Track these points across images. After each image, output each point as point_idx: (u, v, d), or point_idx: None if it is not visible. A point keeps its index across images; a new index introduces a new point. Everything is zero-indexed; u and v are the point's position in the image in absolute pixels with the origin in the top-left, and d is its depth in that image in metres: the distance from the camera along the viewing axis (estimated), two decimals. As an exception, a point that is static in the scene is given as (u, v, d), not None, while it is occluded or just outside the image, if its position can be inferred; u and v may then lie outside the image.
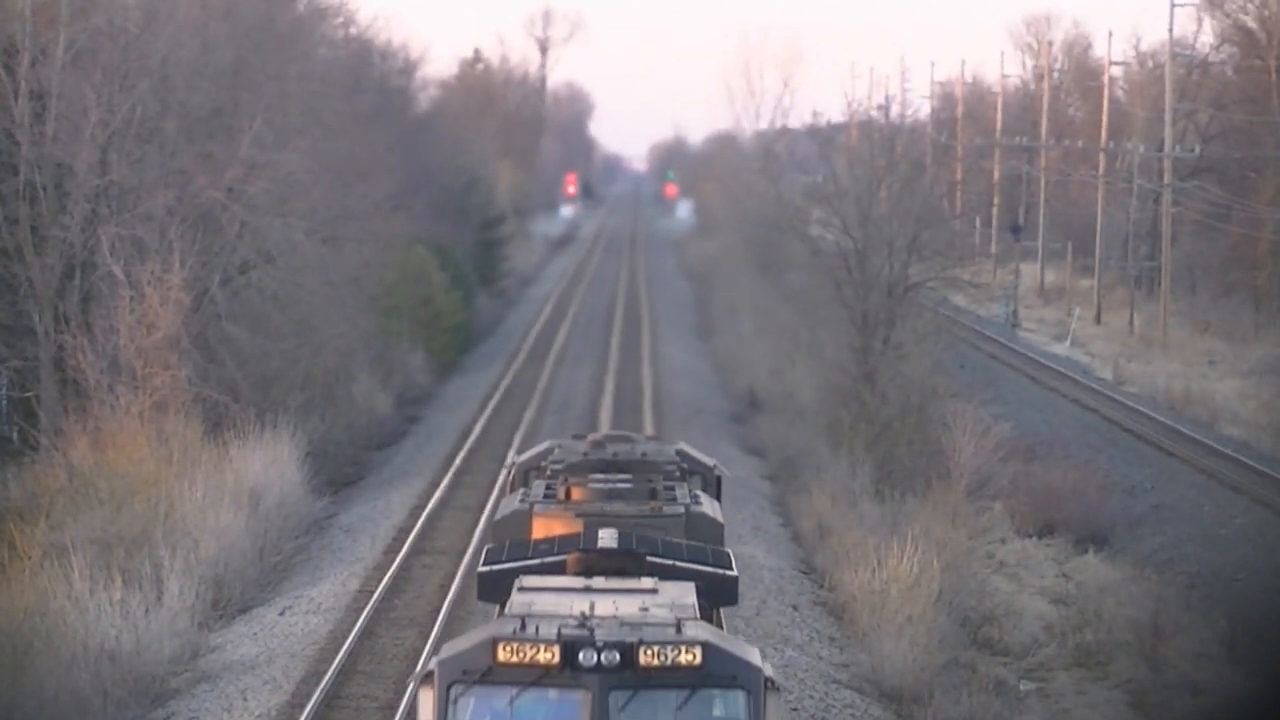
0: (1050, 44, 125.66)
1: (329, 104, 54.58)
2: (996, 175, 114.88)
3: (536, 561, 18.53)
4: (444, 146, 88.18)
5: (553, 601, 16.39)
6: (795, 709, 28.25)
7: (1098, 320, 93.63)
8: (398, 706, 26.91)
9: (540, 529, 20.93)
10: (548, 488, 22.70)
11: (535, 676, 15.35)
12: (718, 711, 15.58)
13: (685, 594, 17.04)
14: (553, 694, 15.44)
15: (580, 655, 15.35)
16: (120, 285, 40.91)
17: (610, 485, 22.46)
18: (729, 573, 18.77)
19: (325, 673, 28.51)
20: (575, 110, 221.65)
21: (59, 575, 30.73)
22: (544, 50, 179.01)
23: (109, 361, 40.55)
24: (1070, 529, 46.13)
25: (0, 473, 40.01)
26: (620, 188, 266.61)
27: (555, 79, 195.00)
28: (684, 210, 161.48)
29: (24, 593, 30.06)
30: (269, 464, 39.57)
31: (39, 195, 42.63)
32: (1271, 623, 36.68)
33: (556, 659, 15.35)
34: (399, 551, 37.20)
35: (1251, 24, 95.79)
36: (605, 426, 47.65)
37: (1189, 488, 51.29)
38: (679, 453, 25.33)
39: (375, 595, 33.41)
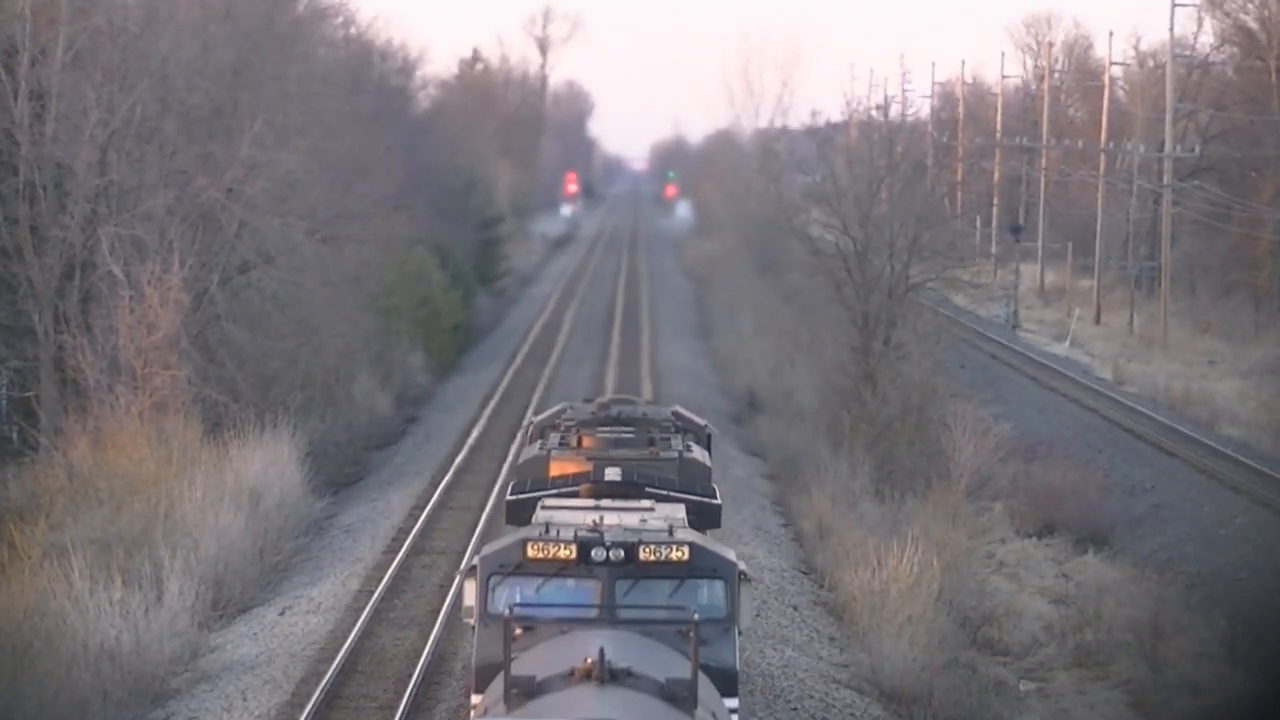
0: (1051, 44, 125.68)
1: (329, 104, 54.57)
2: (997, 175, 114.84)
3: (554, 491, 22.59)
4: (444, 146, 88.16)
5: (569, 516, 20.35)
6: (795, 709, 28.26)
7: (1098, 320, 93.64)
8: (398, 706, 26.95)
9: (556, 469, 24.84)
10: (562, 438, 26.56)
11: (556, 569, 19.27)
12: (702, 597, 19.47)
13: (676, 511, 21.23)
14: (570, 582, 19.33)
15: (592, 552, 19.28)
16: (120, 285, 40.90)
17: (615, 435, 26.15)
18: (713, 501, 23.25)
19: (325, 673, 28.50)
20: (575, 110, 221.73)
21: (59, 575, 30.73)
22: (544, 50, 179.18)
23: (109, 361, 40.54)
24: (1070, 529, 46.14)
25: (0, 473, 40.00)
26: (620, 187, 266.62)
27: (555, 79, 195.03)
28: (683, 210, 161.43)
29: (24, 593, 30.05)
30: (269, 464, 39.56)
31: (39, 195, 42.62)
32: (1271, 623, 36.68)
33: (574, 555, 19.27)
34: (399, 551, 37.19)
35: (1252, 24, 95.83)
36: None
37: (1189, 488, 51.30)
38: (674, 413, 28.87)
39: (375, 595, 33.41)
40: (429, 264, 67.66)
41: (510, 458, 43.76)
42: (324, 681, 28.01)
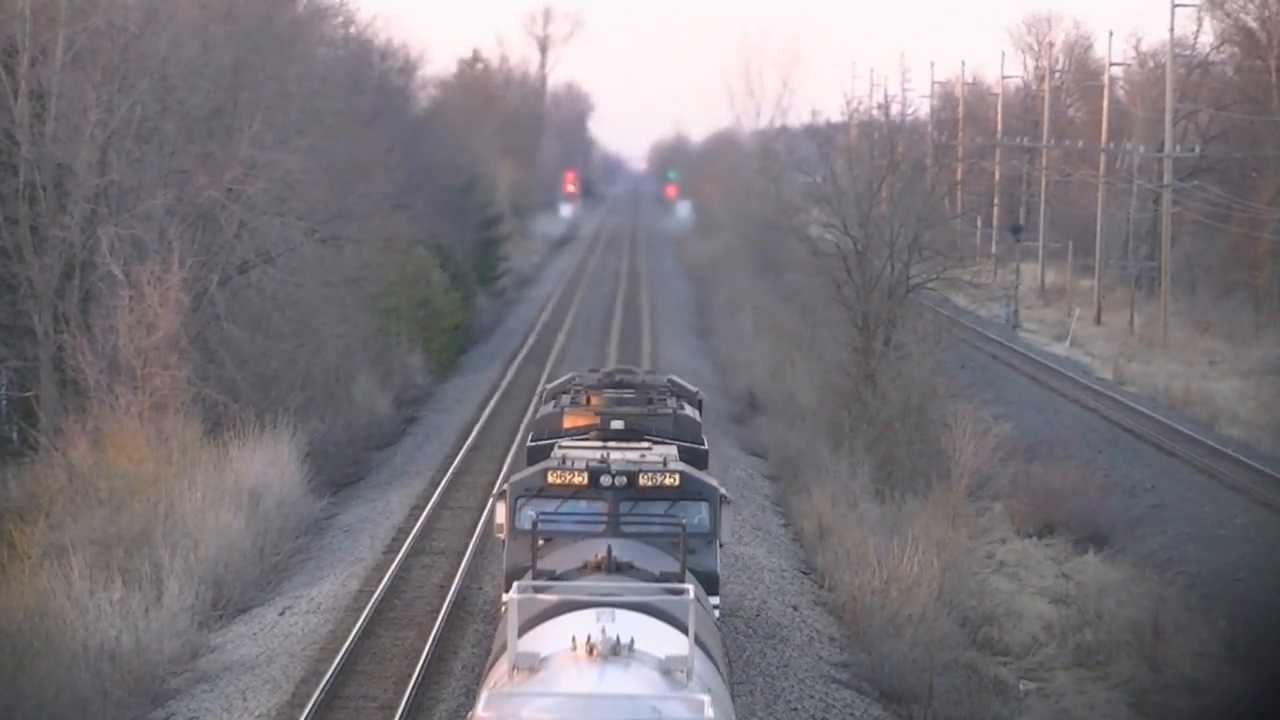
0: (1051, 44, 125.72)
1: (328, 104, 54.54)
2: (997, 175, 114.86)
3: (568, 437, 27.84)
4: (444, 146, 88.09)
5: (582, 452, 25.20)
6: (795, 709, 28.26)
7: (1098, 320, 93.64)
8: (398, 706, 26.96)
9: (569, 422, 28.93)
10: (573, 398, 30.51)
11: (571, 492, 24.10)
12: (690, 515, 23.89)
13: (669, 450, 25.95)
14: (583, 503, 24.01)
15: (601, 479, 24.14)
16: (120, 285, 40.89)
17: (619, 396, 30.08)
18: (701, 447, 28.60)
19: (325, 673, 28.50)
20: (575, 110, 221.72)
21: (59, 575, 30.74)
22: (544, 50, 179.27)
23: (108, 361, 40.53)
24: (1070, 529, 46.14)
25: (0, 473, 39.99)
26: (620, 187, 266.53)
27: (555, 79, 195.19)
28: (683, 210, 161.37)
29: (24, 593, 30.06)
30: (269, 464, 39.55)
31: (39, 195, 42.61)
32: (1271, 623, 36.69)
33: (586, 481, 24.10)
34: (398, 552, 37.18)
35: (1252, 24, 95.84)
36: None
37: (1189, 488, 51.30)
38: (670, 380, 32.85)
39: (375, 595, 33.40)
40: (429, 264, 67.60)
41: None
42: (324, 681, 28.01)
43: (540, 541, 21.68)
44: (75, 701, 26.53)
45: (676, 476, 24.17)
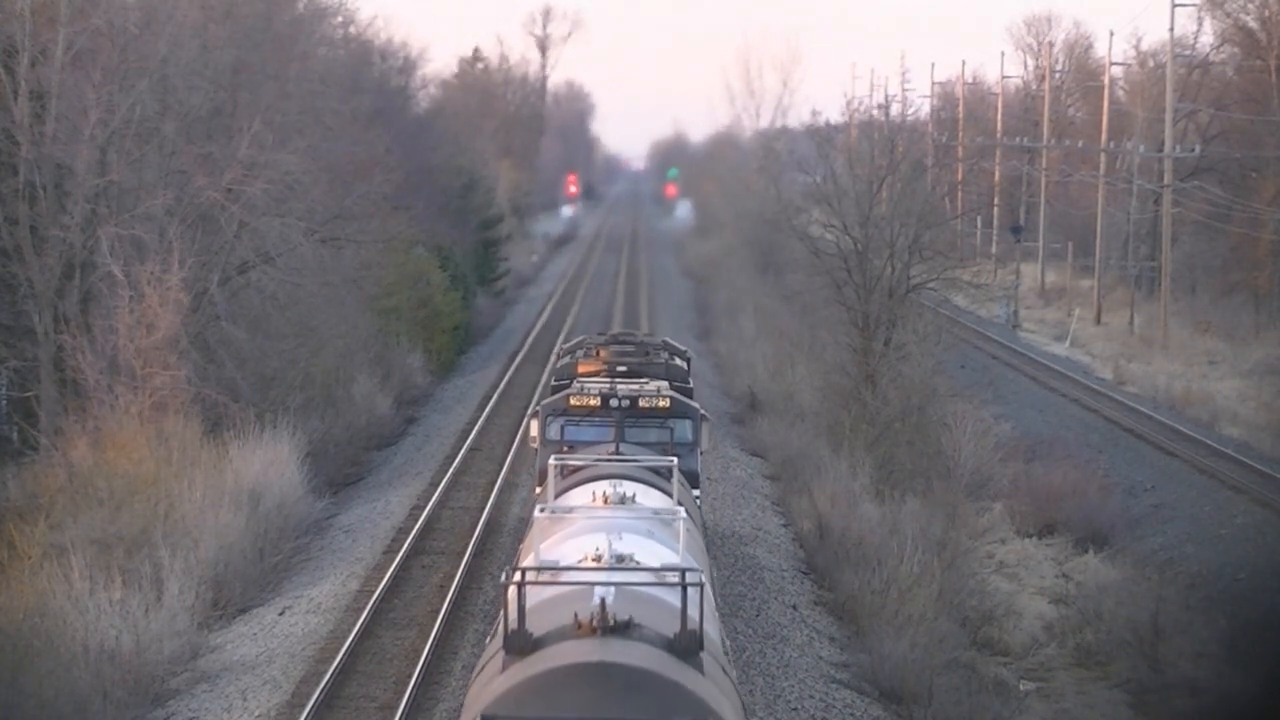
0: (1051, 44, 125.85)
1: (328, 104, 54.55)
2: (997, 175, 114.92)
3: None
4: (444, 146, 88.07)
5: (595, 384, 31.69)
6: (795, 709, 28.26)
7: (1098, 320, 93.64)
8: (398, 707, 26.97)
9: (583, 369, 34.30)
10: (585, 351, 36.24)
11: (588, 412, 30.77)
12: (678, 430, 30.66)
13: (663, 384, 32.26)
14: (596, 420, 30.63)
15: (610, 402, 30.75)
16: (120, 285, 40.89)
17: (622, 349, 35.77)
18: (688, 385, 34.13)
19: (325, 673, 28.51)
20: (575, 110, 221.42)
21: (59, 575, 30.74)
22: (544, 49, 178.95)
23: (108, 361, 40.52)
24: (1070, 529, 46.14)
25: (0, 473, 39.99)
26: (620, 187, 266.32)
27: (555, 78, 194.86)
28: (683, 209, 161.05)
29: (24, 593, 30.06)
30: (269, 464, 39.54)
31: (39, 195, 42.60)
32: (1271, 623, 36.66)
33: (598, 404, 30.79)
34: (398, 552, 37.19)
35: (1252, 24, 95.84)
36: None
37: (1189, 488, 51.28)
38: (664, 341, 38.54)
39: (375, 595, 33.41)
40: (428, 265, 67.58)
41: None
42: (324, 681, 28.02)
43: (565, 447, 29.25)
44: (75, 701, 26.53)
45: (667, 400, 31.08)
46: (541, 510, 19.36)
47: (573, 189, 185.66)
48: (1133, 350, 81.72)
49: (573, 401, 30.96)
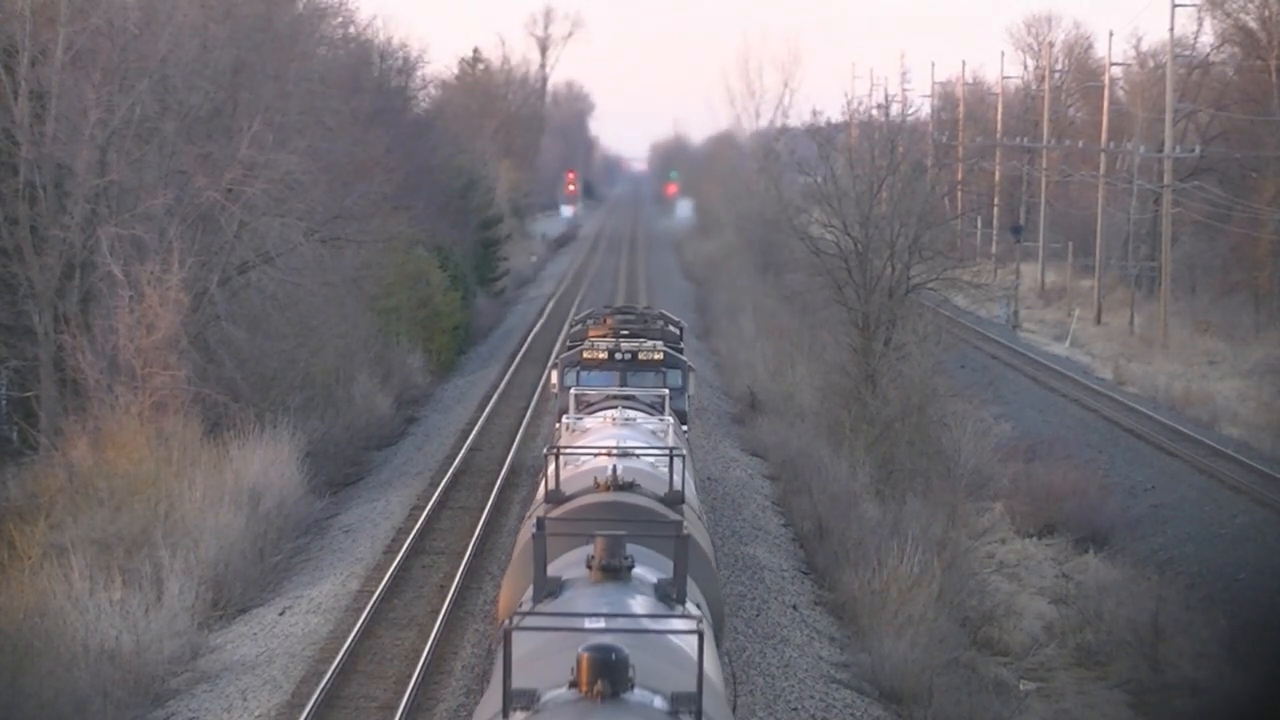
0: (1051, 45, 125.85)
1: (328, 104, 54.48)
2: (997, 175, 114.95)
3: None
4: (444, 146, 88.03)
5: (603, 341, 39.19)
6: (795, 709, 28.25)
7: (1098, 320, 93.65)
8: (398, 707, 26.97)
9: (592, 334, 40.87)
10: (594, 319, 43.06)
11: (598, 364, 38.41)
12: (670, 378, 37.98)
13: (658, 342, 39.28)
14: (605, 370, 38.00)
15: (615, 355, 38.64)
16: (120, 285, 40.87)
17: (625, 317, 42.52)
18: (679, 345, 41.31)
19: (325, 673, 28.50)
20: (575, 110, 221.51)
21: (59, 575, 30.74)
22: (544, 49, 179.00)
23: (108, 361, 40.52)
24: (1070, 529, 46.16)
25: (0, 473, 39.98)
26: (621, 188, 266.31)
27: (555, 78, 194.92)
28: (683, 209, 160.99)
29: (24, 593, 30.06)
30: (269, 464, 39.54)
31: (39, 195, 42.59)
32: (1271, 623, 36.68)
33: (606, 357, 38.59)
34: (399, 552, 37.18)
35: (1252, 24, 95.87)
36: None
37: (1189, 488, 51.30)
38: (660, 313, 45.68)
39: (375, 595, 33.40)
40: (428, 265, 67.57)
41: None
42: (324, 681, 28.01)
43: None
44: (75, 702, 26.53)
45: (661, 353, 38.97)
46: (567, 421, 26.96)
47: (572, 188, 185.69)
48: (1133, 350, 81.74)
49: (585, 355, 38.90)
